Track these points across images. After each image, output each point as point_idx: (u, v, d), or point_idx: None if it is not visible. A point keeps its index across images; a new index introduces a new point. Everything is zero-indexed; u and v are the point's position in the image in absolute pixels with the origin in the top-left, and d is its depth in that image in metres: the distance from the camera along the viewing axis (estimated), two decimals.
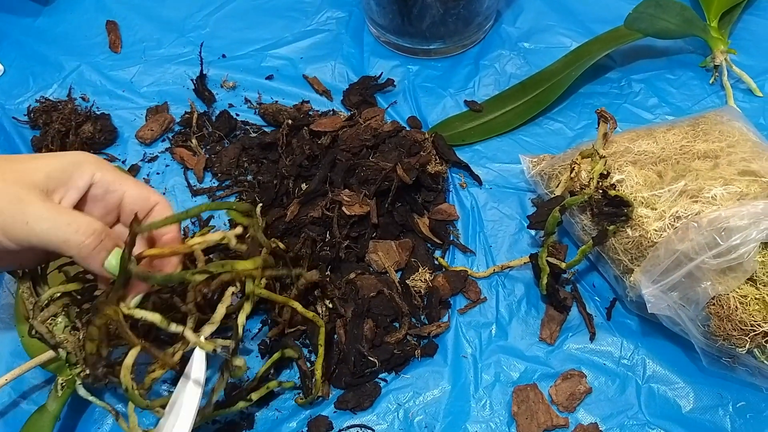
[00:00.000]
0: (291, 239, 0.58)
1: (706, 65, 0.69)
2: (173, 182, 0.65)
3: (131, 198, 0.45)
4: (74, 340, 0.45)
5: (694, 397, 0.52)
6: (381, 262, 0.58)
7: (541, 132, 0.67)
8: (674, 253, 0.49)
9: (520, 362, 0.54)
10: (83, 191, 0.43)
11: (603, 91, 0.69)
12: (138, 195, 0.45)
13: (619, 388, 0.53)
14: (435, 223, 0.60)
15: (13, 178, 0.41)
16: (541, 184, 0.60)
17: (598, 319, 0.56)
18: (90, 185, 0.43)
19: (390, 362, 0.54)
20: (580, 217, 0.56)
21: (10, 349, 0.55)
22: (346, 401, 0.53)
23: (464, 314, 0.57)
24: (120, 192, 0.44)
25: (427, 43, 0.71)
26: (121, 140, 0.68)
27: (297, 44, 0.74)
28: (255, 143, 0.65)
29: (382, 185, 0.59)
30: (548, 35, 0.73)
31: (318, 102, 0.70)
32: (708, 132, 0.57)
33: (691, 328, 0.49)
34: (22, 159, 0.44)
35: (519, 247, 0.60)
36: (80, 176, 0.43)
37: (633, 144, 0.57)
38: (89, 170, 0.43)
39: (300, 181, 0.61)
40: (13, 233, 0.40)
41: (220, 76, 0.72)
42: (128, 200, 0.45)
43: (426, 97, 0.70)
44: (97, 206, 0.44)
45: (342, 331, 0.54)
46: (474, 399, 0.53)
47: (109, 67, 0.73)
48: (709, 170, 0.53)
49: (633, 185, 0.54)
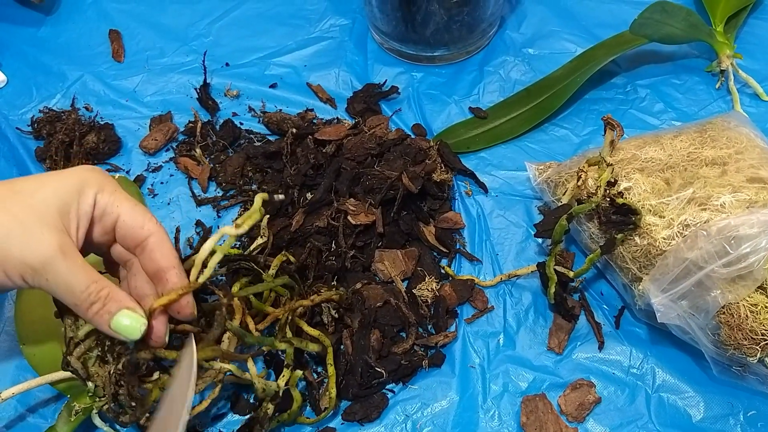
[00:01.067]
0: (296, 249, 0.58)
1: (712, 70, 0.69)
2: (177, 192, 0.65)
3: (124, 225, 0.43)
4: (104, 374, 0.44)
5: (704, 407, 0.52)
6: (387, 271, 0.58)
7: (546, 138, 0.66)
8: (683, 262, 0.48)
9: (528, 372, 0.54)
10: (89, 218, 0.42)
11: (608, 96, 0.69)
12: (131, 223, 0.43)
13: (629, 398, 0.52)
14: (441, 232, 0.60)
15: (25, 214, 0.39)
16: (547, 191, 0.59)
17: (607, 327, 0.56)
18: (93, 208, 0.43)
19: (397, 373, 0.53)
20: (587, 225, 0.56)
21: (16, 362, 0.55)
22: (353, 413, 0.52)
23: (471, 323, 0.56)
24: (115, 215, 0.43)
25: (431, 50, 0.71)
26: (124, 150, 0.68)
27: (300, 52, 0.74)
28: (259, 152, 0.65)
29: (387, 194, 0.58)
30: (552, 41, 0.73)
31: (322, 110, 0.69)
32: (716, 138, 0.56)
33: (701, 337, 0.49)
34: (25, 187, 0.41)
35: (526, 255, 0.60)
36: (85, 201, 0.42)
37: (640, 151, 0.56)
38: (92, 193, 0.42)
39: (305, 190, 0.61)
40: (28, 279, 0.39)
41: (224, 84, 0.71)
42: (121, 227, 0.43)
43: (430, 104, 0.69)
44: (96, 228, 0.43)
45: (349, 342, 0.54)
46: (482, 410, 0.52)
47: (113, 76, 0.73)
48: (717, 177, 0.53)
49: (640, 193, 0.53)
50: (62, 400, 0.52)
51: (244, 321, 0.48)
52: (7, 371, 0.55)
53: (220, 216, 0.63)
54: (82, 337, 0.44)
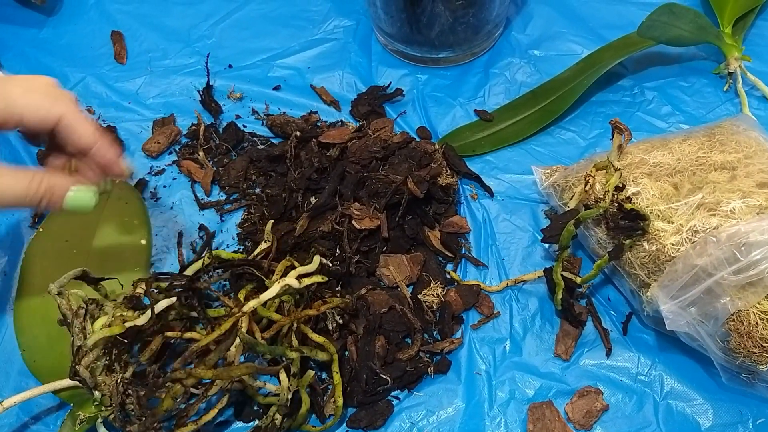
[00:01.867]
0: (300, 254, 0.57)
1: (719, 72, 0.68)
2: (180, 195, 0.64)
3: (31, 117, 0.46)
4: (111, 383, 0.44)
5: (713, 414, 0.51)
6: (392, 276, 0.57)
7: (553, 142, 0.66)
8: (693, 269, 0.48)
9: (535, 379, 0.53)
10: None
11: (615, 99, 0.68)
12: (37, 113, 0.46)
13: (637, 405, 0.52)
14: (446, 236, 0.59)
15: None
16: (554, 195, 0.59)
17: (614, 333, 0.55)
18: None
19: (402, 380, 0.53)
20: (594, 230, 0.55)
21: (18, 367, 0.54)
22: (358, 420, 0.52)
23: (477, 329, 0.56)
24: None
25: (436, 52, 0.70)
26: (127, 153, 0.67)
27: (304, 54, 0.73)
28: (263, 155, 0.64)
29: (392, 198, 0.58)
30: (558, 42, 0.72)
31: (326, 112, 0.69)
32: (724, 142, 0.56)
33: (710, 344, 0.48)
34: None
35: (532, 260, 0.59)
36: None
37: (648, 155, 0.56)
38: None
39: (309, 194, 0.61)
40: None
41: (227, 86, 0.71)
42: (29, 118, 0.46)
43: (435, 106, 0.69)
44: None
45: (353, 348, 0.54)
46: (488, 417, 0.52)
47: (115, 78, 0.72)
48: (726, 182, 0.52)
49: (649, 198, 0.53)
50: (65, 409, 0.52)
51: (250, 329, 0.47)
52: (9, 376, 0.54)
53: (223, 220, 0.62)
54: (90, 346, 0.44)
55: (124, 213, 0.60)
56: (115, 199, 0.60)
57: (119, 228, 0.59)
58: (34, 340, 0.53)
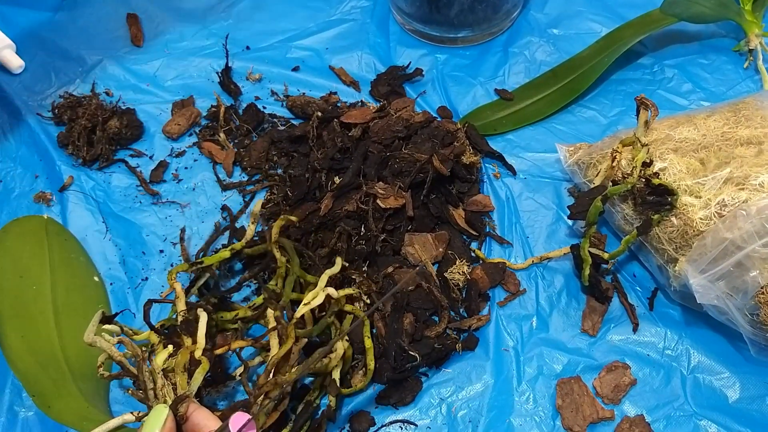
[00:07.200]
0: (326, 233, 0.57)
1: (739, 49, 0.68)
2: (202, 177, 0.64)
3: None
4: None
5: (740, 387, 0.52)
6: (417, 255, 0.57)
7: (574, 120, 0.66)
8: (722, 242, 0.48)
9: (562, 354, 0.54)
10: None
11: (635, 77, 0.68)
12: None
13: (664, 379, 0.52)
14: (470, 215, 0.60)
15: None
16: (578, 173, 0.59)
17: (640, 309, 0.55)
18: None
19: (431, 356, 0.53)
20: (621, 207, 0.55)
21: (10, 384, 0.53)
22: (387, 396, 0.52)
23: (504, 307, 0.56)
24: None
25: (455, 31, 0.70)
26: (147, 135, 0.67)
27: (322, 34, 0.73)
28: (284, 136, 0.64)
29: (416, 177, 0.58)
30: (578, 21, 0.72)
31: (345, 93, 0.69)
32: (750, 118, 0.55)
33: (738, 317, 0.49)
34: None
35: (557, 237, 0.59)
36: None
37: (673, 131, 0.56)
38: None
39: (332, 174, 0.60)
40: None
41: (245, 68, 0.71)
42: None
43: (455, 86, 0.69)
44: None
45: (381, 325, 0.54)
46: (517, 392, 0.52)
47: (132, 61, 0.72)
48: (753, 157, 0.52)
49: (676, 173, 0.53)
50: None
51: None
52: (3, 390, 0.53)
53: (246, 200, 0.62)
54: (158, 370, 0.45)
55: (70, 250, 0.59)
56: (53, 234, 0.59)
57: (69, 264, 0.58)
58: (37, 386, 0.50)
